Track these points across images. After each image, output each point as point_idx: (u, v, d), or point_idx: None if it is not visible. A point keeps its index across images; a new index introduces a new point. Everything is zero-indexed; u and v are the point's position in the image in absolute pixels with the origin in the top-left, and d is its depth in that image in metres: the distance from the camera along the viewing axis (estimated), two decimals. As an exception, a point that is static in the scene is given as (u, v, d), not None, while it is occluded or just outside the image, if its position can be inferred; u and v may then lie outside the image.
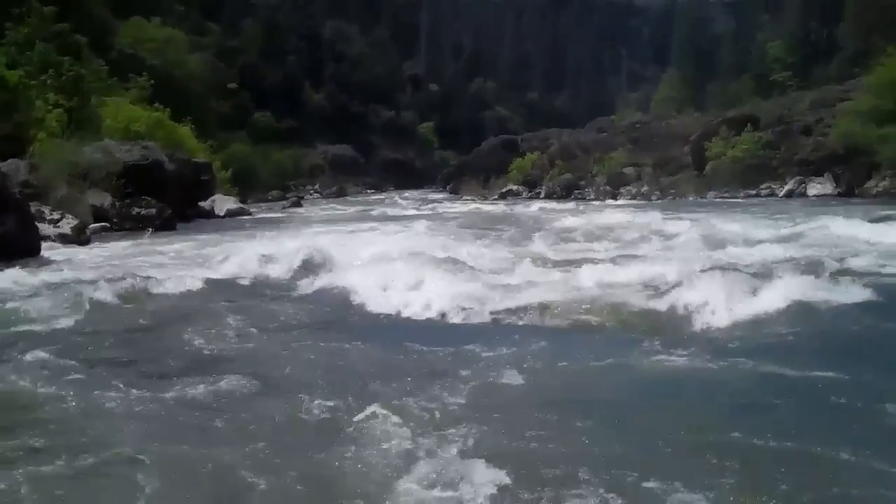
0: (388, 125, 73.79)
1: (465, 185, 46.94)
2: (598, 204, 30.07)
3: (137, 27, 42.55)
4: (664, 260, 9.41)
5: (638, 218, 17.05)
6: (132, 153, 21.71)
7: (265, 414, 4.25)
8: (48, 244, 12.98)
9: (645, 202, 30.75)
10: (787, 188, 29.64)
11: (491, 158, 47.30)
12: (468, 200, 38.03)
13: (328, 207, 35.17)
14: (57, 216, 15.24)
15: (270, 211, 31.83)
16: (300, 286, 8.82)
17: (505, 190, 41.55)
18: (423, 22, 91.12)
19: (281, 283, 9.17)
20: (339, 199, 47.54)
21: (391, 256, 9.60)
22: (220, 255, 11.34)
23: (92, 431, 3.95)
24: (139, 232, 17.47)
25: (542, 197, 38.26)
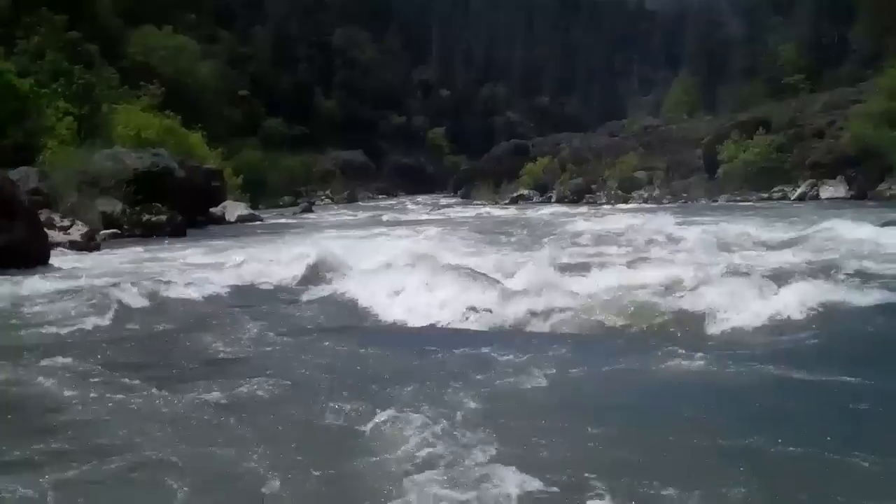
0: (399, 131, 74.02)
1: (476, 189, 47.01)
2: (609, 208, 30.06)
3: (149, 35, 42.88)
4: (678, 264, 9.37)
5: (650, 222, 16.98)
6: (143, 160, 21.86)
7: (285, 417, 4.26)
8: (58, 251, 13.08)
9: (657, 206, 30.71)
10: (799, 191, 29.52)
11: (502, 163, 47.37)
12: (479, 205, 38.07)
13: (339, 213, 35.29)
14: (67, 223, 15.38)
15: (281, 217, 31.94)
16: (312, 291, 8.85)
17: (516, 194, 41.58)
18: (433, 28, 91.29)
19: (293, 287, 9.22)
20: (350, 204, 47.68)
21: (402, 261, 9.63)
22: (230, 260, 11.40)
23: (117, 435, 3.96)
24: (149, 238, 17.57)
25: (553, 201, 38.27)
